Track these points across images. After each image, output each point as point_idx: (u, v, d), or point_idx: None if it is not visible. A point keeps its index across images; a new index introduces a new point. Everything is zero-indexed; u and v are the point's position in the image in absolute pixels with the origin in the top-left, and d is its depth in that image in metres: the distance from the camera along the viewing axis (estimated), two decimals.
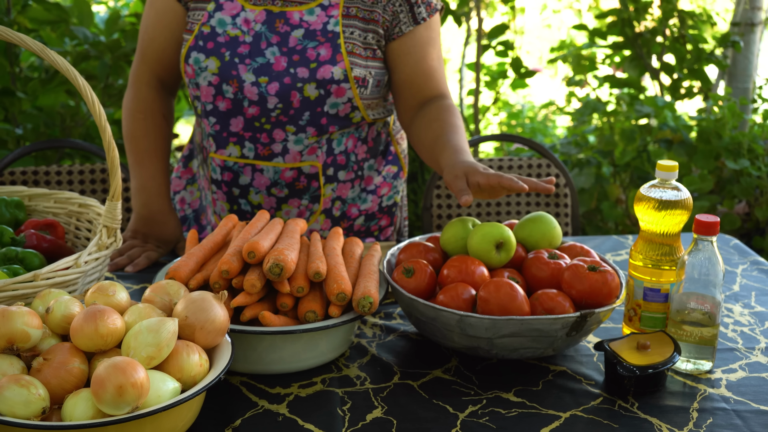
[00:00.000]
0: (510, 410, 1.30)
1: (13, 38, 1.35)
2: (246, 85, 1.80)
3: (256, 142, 1.84)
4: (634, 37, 4.06)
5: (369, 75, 1.84)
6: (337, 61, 1.79)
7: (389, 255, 1.60)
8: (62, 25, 3.60)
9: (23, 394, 1.07)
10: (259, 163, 1.86)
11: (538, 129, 5.60)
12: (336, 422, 1.26)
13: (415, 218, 3.72)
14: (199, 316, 1.21)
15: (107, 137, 1.38)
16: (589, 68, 4.37)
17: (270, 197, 1.91)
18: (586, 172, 3.75)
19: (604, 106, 4.06)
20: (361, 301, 1.37)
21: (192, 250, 1.47)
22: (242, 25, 1.81)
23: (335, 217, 2.00)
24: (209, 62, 1.81)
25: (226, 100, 1.82)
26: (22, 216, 1.68)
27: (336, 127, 1.87)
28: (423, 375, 1.42)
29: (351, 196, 2.00)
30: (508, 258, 1.52)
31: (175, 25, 1.90)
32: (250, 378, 1.39)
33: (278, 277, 1.35)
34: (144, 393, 1.07)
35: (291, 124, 1.83)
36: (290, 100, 1.80)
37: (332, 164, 1.92)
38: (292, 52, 1.80)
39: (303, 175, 1.89)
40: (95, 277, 1.47)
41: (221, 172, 1.89)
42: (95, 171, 2.49)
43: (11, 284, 1.29)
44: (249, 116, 1.82)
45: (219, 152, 1.88)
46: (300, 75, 1.79)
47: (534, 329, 1.35)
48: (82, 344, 1.14)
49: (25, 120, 3.62)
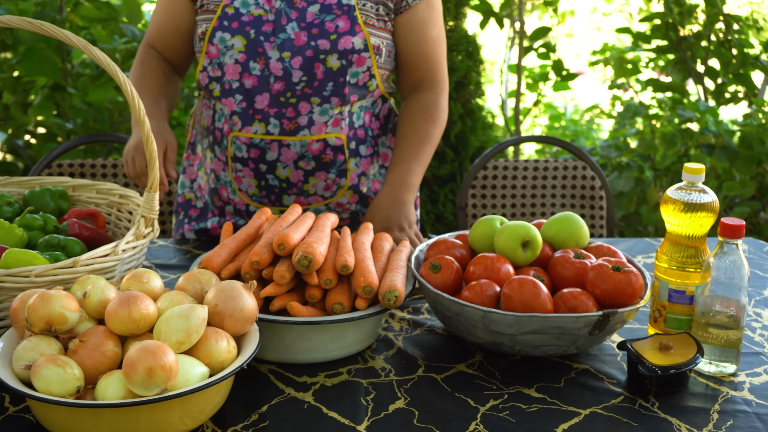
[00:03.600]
0: (530, 405, 1.33)
1: (58, 35, 1.40)
2: (272, 61, 1.86)
3: (282, 117, 1.90)
4: (678, 41, 4.03)
5: (382, 44, 1.93)
6: (356, 31, 1.87)
7: (417, 251, 1.63)
8: (112, 23, 3.69)
9: (59, 374, 1.12)
10: (286, 138, 1.92)
11: (582, 132, 5.58)
12: (359, 411, 1.29)
13: (452, 218, 3.74)
14: (228, 305, 1.25)
15: (145, 130, 1.43)
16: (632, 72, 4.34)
17: (297, 170, 1.96)
18: (625, 176, 3.73)
19: (647, 110, 4.04)
20: (386, 294, 1.40)
21: (225, 241, 1.52)
22: (264, 4, 1.88)
23: (363, 193, 2.06)
24: (235, 41, 1.87)
25: (252, 77, 1.88)
26: (65, 206, 1.74)
27: (356, 96, 1.95)
28: (447, 369, 1.44)
29: (372, 171, 2.07)
30: (533, 256, 1.54)
31: (175, 12, 1.99)
32: (278, 366, 1.43)
33: (306, 269, 1.39)
34: (173, 376, 1.11)
35: (315, 96, 1.90)
36: (314, 72, 1.87)
37: (354, 138, 2.00)
38: (311, 26, 1.87)
39: (329, 147, 1.95)
40: (132, 265, 1.52)
41: (247, 150, 1.94)
42: None
43: (52, 269, 1.35)
44: (275, 92, 1.88)
45: (244, 130, 1.93)
46: (321, 47, 1.86)
47: (556, 327, 1.37)
48: (115, 328, 1.19)
49: (75, 115, 3.71)
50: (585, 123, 6.01)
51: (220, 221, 2.10)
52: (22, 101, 3.88)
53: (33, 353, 1.17)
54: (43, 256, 1.44)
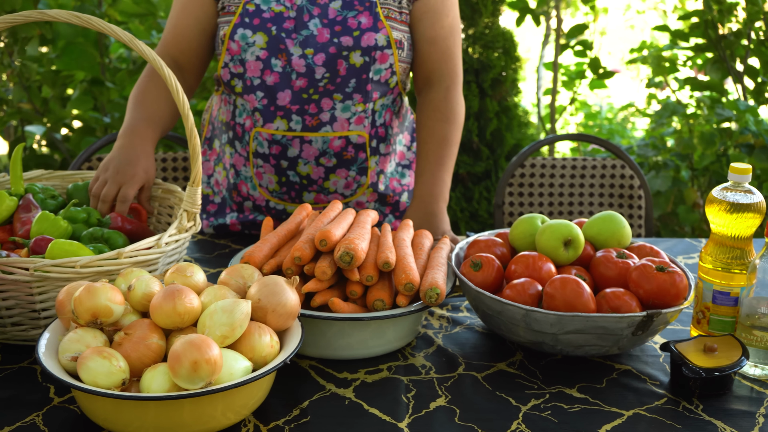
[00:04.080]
0: (573, 405, 1.32)
1: (104, 29, 1.41)
2: (294, 58, 1.86)
3: (304, 113, 1.90)
4: (717, 40, 3.98)
5: (404, 38, 1.93)
6: (379, 28, 1.87)
7: (458, 248, 1.62)
8: (149, 18, 3.71)
9: (105, 366, 1.13)
10: (308, 135, 1.92)
11: (616, 130, 5.53)
12: (400, 408, 1.29)
13: (487, 216, 3.72)
14: (271, 300, 1.26)
15: (189, 125, 1.44)
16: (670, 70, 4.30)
17: (318, 167, 1.96)
18: (663, 175, 3.69)
19: (684, 108, 4.00)
20: (428, 291, 1.40)
21: (266, 236, 1.52)
22: (285, 1, 1.88)
23: (381, 192, 2.06)
24: (257, 37, 1.87)
25: (274, 74, 1.88)
26: None
27: (378, 93, 1.94)
28: (487, 367, 1.44)
29: (390, 170, 2.07)
30: (575, 256, 1.52)
31: (201, 12, 1.96)
32: (318, 362, 1.43)
33: (348, 265, 1.39)
34: (217, 369, 1.11)
35: (338, 92, 1.90)
36: (336, 69, 1.87)
37: (375, 136, 1.99)
38: (333, 23, 1.87)
39: (351, 144, 1.95)
40: (174, 259, 1.53)
41: (269, 146, 1.95)
42: (177, 159, 2.57)
43: (97, 261, 1.36)
44: (297, 89, 1.88)
45: (266, 126, 1.93)
46: (345, 44, 1.86)
47: (599, 327, 1.36)
48: (160, 321, 1.20)
49: (112, 109, 3.74)
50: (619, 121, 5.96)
51: (239, 217, 2.10)
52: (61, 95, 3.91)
53: (79, 345, 1.18)
54: (88, 248, 1.45)
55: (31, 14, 1.42)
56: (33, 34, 3.74)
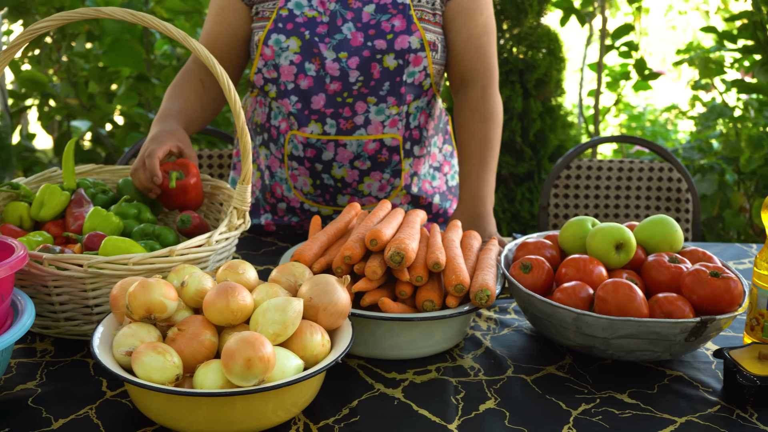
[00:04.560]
0: (624, 411, 1.30)
1: (158, 26, 1.42)
2: (327, 62, 1.86)
3: (338, 117, 1.90)
4: (766, 41, 3.92)
5: (437, 40, 1.92)
6: (413, 31, 1.86)
7: (506, 250, 1.61)
8: (195, 16, 3.75)
9: (159, 361, 1.13)
10: (342, 138, 1.92)
11: (659, 132, 5.47)
12: (449, 410, 1.28)
13: (529, 217, 3.70)
14: (322, 298, 1.26)
15: (240, 122, 1.44)
16: (717, 72, 4.24)
17: (353, 170, 1.96)
18: (708, 179, 3.65)
19: (731, 111, 3.94)
20: (478, 293, 1.39)
21: (316, 234, 1.52)
22: (318, 6, 1.88)
23: (414, 194, 2.06)
24: (290, 42, 1.87)
25: (308, 78, 1.89)
26: None
27: (412, 96, 1.94)
28: (536, 370, 1.43)
29: (423, 171, 2.07)
30: (627, 259, 1.51)
31: (236, 19, 1.97)
32: (366, 362, 1.43)
33: (398, 265, 1.38)
34: (270, 367, 1.12)
35: (372, 95, 1.90)
36: (370, 72, 1.87)
37: (409, 138, 1.99)
38: (367, 26, 1.86)
39: (385, 147, 1.95)
40: (224, 256, 1.54)
41: (303, 149, 1.95)
42: (222, 156, 2.59)
43: (149, 258, 1.37)
44: (331, 92, 1.88)
45: (301, 130, 1.93)
46: (378, 47, 1.86)
47: (652, 332, 1.34)
48: (213, 318, 1.21)
49: (157, 105, 3.78)
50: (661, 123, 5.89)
51: (274, 218, 2.11)
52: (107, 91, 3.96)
53: (133, 340, 1.19)
54: (139, 244, 1.47)
55: (87, 11, 1.44)
56: (81, 30, 3.79)
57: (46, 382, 1.33)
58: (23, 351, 1.43)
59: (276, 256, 1.92)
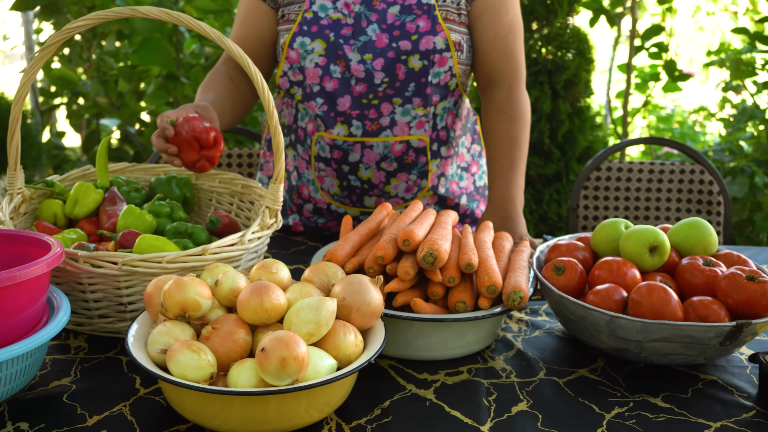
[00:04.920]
0: (657, 415, 1.29)
1: (193, 25, 1.43)
2: (352, 63, 1.86)
3: (364, 119, 1.90)
4: None
5: (462, 40, 1.91)
6: (438, 31, 1.86)
7: (538, 252, 1.61)
8: (225, 15, 3.76)
9: (194, 359, 1.14)
10: (369, 140, 1.92)
11: (688, 134, 5.42)
12: (481, 412, 1.28)
13: (557, 218, 3.68)
14: (356, 298, 1.26)
15: (274, 122, 1.45)
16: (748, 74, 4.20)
17: (379, 172, 1.96)
18: (739, 181, 3.61)
19: (762, 113, 3.90)
20: (511, 295, 1.39)
21: (348, 234, 1.52)
22: (343, 9, 1.88)
23: (441, 195, 2.06)
24: (315, 44, 1.87)
25: (333, 80, 1.89)
26: (189, 194, 1.78)
27: (438, 97, 1.93)
28: (569, 373, 1.42)
29: (450, 172, 2.07)
30: (661, 262, 1.50)
31: (262, 22, 1.98)
32: (398, 362, 1.43)
33: (431, 266, 1.38)
34: (304, 367, 1.12)
35: (397, 96, 1.89)
36: (395, 73, 1.87)
37: (436, 139, 1.98)
38: (392, 27, 1.86)
39: (411, 149, 1.94)
40: (256, 255, 1.55)
41: (330, 151, 1.95)
42: (252, 155, 2.60)
43: (182, 256, 1.37)
44: (356, 94, 1.88)
45: (328, 131, 1.93)
46: (403, 48, 1.85)
47: (686, 336, 1.33)
48: (247, 317, 1.21)
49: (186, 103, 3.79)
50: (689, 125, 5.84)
51: (301, 219, 2.11)
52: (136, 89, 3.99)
53: (168, 338, 1.19)
54: (173, 242, 1.47)
55: (123, 11, 1.45)
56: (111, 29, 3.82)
57: (81, 378, 1.34)
58: (58, 347, 1.45)
59: (306, 256, 1.93)
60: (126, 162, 1.89)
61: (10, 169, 1.55)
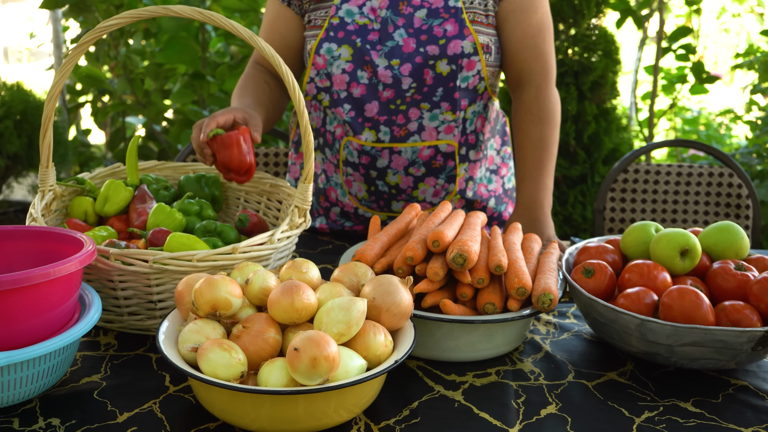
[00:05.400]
0: (688, 420, 1.28)
1: (225, 25, 1.44)
2: (380, 69, 1.86)
3: (392, 124, 1.89)
4: None
5: (491, 41, 1.90)
6: (465, 35, 1.84)
7: (567, 254, 1.60)
8: (251, 14, 3.77)
9: (225, 357, 1.14)
10: (397, 145, 1.91)
11: (714, 137, 5.38)
12: (510, 414, 1.28)
13: (581, 220, 3.66)
14: (386, 299, 1.26)
15: (304, 121, 1.45)
16: None
17: (407, 177, 1.95)
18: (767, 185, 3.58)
19: None
20: (541, 297, 1.38)
21: (377, 235, 1.52)
22: (369, 14, 1.87)
23: (469, 199, 2.04)
24: (342, 50, 1.87)
25: (360, 86, 1.88)
26: (218, 192, 1.78)
27: (467, 101, 1.92)
28: (597, 376, 1.41)
29: (479, 175, 2.06)
30: (692, 266, 1.48)
31: (285, 29, 1.97)
32: (425, 363, 1.43)
33: (461, 267, 1.38)
34: (335, 367, 1.12)
35: (425, 102, 1.88)
36: (423, 78, 1.86)
37: (465, 143, 1.98)
38: (419, 32, 1.85)
39: (440, 153, 1.94)
40: (285, 254, 1.55)
41: (358, 156, 1.95)
42: (278, 154, 2.60)
43: (213, 255, 1.38)
44: (384, 99, 1.87)
45: (356, 137, 1.93)
46: (431, 53, 1.84)
47: (718, 340, 1.32)
48: (277, 316, 1.21)
49: (212, 102, 3.81)
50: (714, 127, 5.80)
51: (327, 222, 2.11)
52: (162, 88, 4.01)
53: (199, 336, 1.20)
54: (202, 240, 1.48)
55: (156, 10, 1.46)
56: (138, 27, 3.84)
57: (111, 375, 1.35)
58: (87, 344, 1.46)
59: (332, 255, 1.93)
60: (155, 160, 1.89)
61: (42, 166, 1.56)
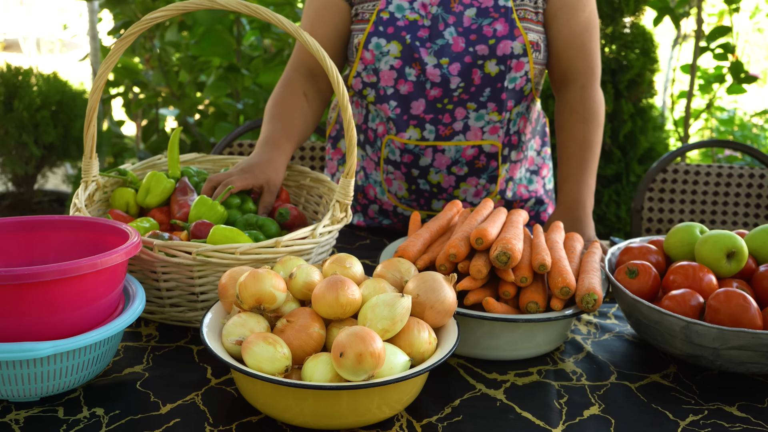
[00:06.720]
0: (734, 424, 1.26)
1: (270, 18, 1.43)
2: (428, 67, 1.84)
3: (438, 123, 1.88)
4: None
5: (539, 39, 1.88)
6: (515, 36, 1.82)
7: (610, 254, 1.58)
8: (287, 8, 3.77)
9: (270, 351, 1.14)
10: (441, 144, 1.89)
11: (749, 137, 5.32)
12: (553, 414, 1.26)
13: (615, 219, 3.63)
14: (429, 296, 1.25)
15: (348, 116, 1.44)
16: None
17: (449, 176, 1.94)
18: None
19: None
20: (585, 297, 1.37)
21: (419, 231, 1.52)
22: (420, 9, 1.85)
23: (508, 199, 2.04)
24: (391, 46, 1.85)
25: (408, 83, 1.86)
26: None
27: (513, 102, 1.90)
28: (640, 378, 1.40)
29: (519, 176, 2.04)
30: (738, 268, 1.46)
31: (338, 19, 1.92)
32: (466, 361, 1.42)
33: (504, 265, 1.37)
34: (380, 363, 1.11)
35: (472, 101, 1.87)
36: (471, 78, 1.84)
37: (508, 144, 1.96)
38: (468, 31, 1.83)
39: (483, 153, 1.92)
40: (326, 249, 1.55)
41: (401, 154, 1.93)
42: (314, 148, 2.60)
43: (255, 248, 1.38)
44: (431, 98, 1.86)
45: (399, 135, 1.91)
46: (480, 52, 1.82)
47: (765, 345, 1.30)
48: (322, 311, 1.21)
49: (246, 95, 3.82)
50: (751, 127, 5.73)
51: (365, 219, 2.10)
52: (196, 80, 4.03)
53: (243, 329, 1.20)
54: (245, 234, 1.48)
55: (202, 2, 1.46)
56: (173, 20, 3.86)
57: (153, 366, 1.35)
58: (129, 335, 1.46)
59: (370, 251, 1.92)
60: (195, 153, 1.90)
61: (85, 156, 1.57)
